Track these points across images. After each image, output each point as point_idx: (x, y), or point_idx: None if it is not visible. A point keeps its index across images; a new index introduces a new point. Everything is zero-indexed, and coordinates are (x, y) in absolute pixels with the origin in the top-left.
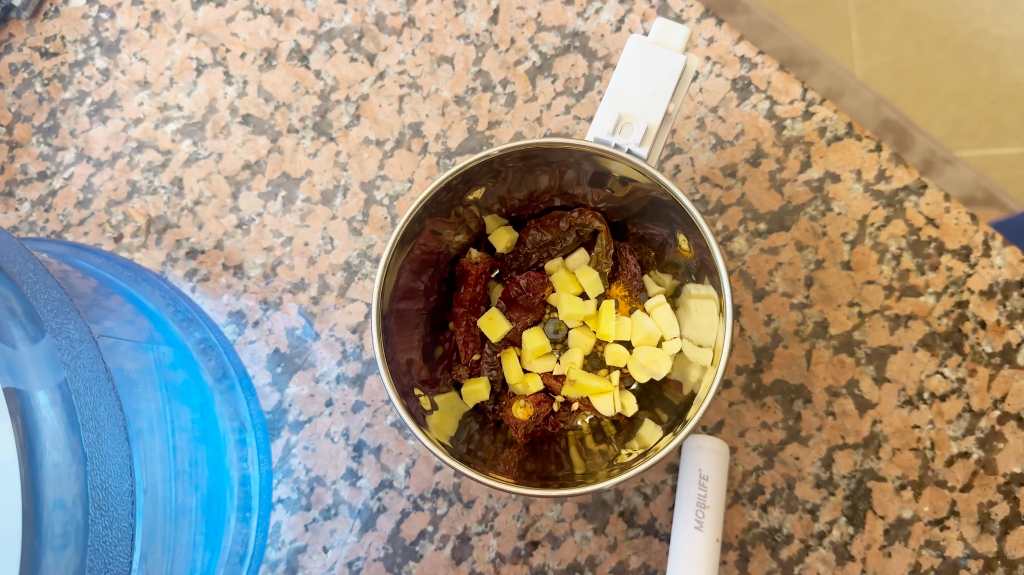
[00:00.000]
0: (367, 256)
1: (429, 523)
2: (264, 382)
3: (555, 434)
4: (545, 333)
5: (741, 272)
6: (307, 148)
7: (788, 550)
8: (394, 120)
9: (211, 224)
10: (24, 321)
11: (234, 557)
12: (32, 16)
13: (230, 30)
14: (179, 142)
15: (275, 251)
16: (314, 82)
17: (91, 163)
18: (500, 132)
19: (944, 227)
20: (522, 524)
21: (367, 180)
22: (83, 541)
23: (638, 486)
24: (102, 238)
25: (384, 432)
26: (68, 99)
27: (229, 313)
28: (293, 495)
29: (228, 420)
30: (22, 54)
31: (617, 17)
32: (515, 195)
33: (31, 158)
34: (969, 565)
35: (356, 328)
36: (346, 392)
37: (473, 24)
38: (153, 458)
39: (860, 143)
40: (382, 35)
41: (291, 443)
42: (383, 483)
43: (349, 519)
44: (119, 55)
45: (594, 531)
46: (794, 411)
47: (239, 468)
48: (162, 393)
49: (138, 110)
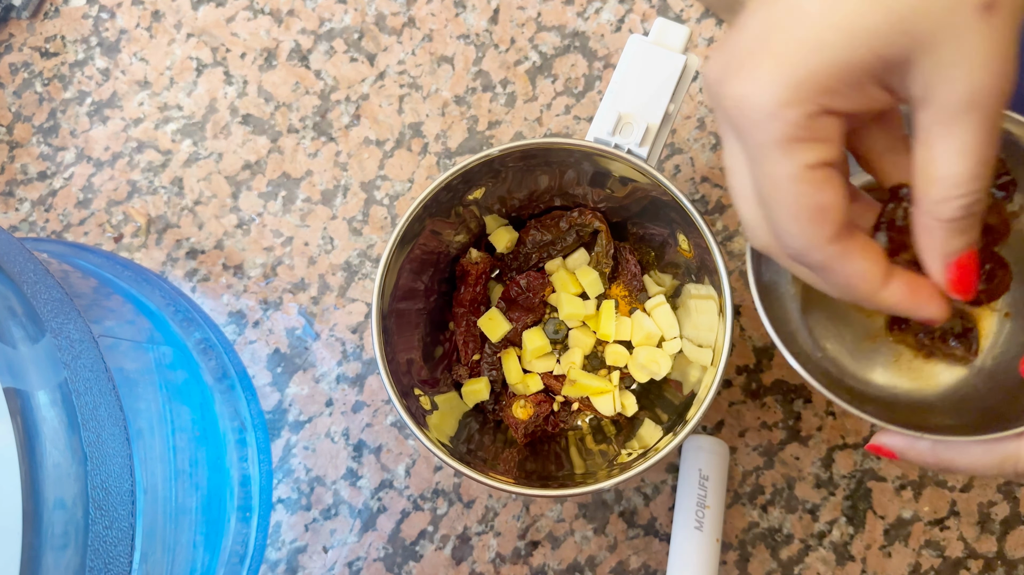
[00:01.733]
0: (367, 256)
1: (429, 523)
2: (264, 382)
3: (555, 434)
4: (545, 333)
5: (741, 272)
6: (307, 148)
7: (788, 550)
8: (394, 120)
9: (211, 224)
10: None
11: (234, 557)
12: (32, 16)
13: (230, 30)
14: (179, 142)
15: (275, 251)
16: (314, 82)
17: (91, 163)
18: (500, 132)
19: None
20: (522, 524)
21: (367, 180)
22: (83, 541)
23: (638, 486)
24: (102, 238)
25: (384, 432)
26: (68, 99)
27: (229, 313)
28: (293, 495)
29: (228, 420)
30: (22, 54)
31: (617, 17)
32: (515, 195)
33: (31, 158)
34: (969, 565)
35: (356, 328)
36: (346, 392)
37: (473, 24)
38: (153, 458)
39: None
40: (382, 35)
41: (291, 443)
42: (383, 483)
43: (349, 519)
44: (119, 55)
45: (594, 531)
46: (794, 411)
47: (239, 468)
48: (162, 393)
49: (138, 110)
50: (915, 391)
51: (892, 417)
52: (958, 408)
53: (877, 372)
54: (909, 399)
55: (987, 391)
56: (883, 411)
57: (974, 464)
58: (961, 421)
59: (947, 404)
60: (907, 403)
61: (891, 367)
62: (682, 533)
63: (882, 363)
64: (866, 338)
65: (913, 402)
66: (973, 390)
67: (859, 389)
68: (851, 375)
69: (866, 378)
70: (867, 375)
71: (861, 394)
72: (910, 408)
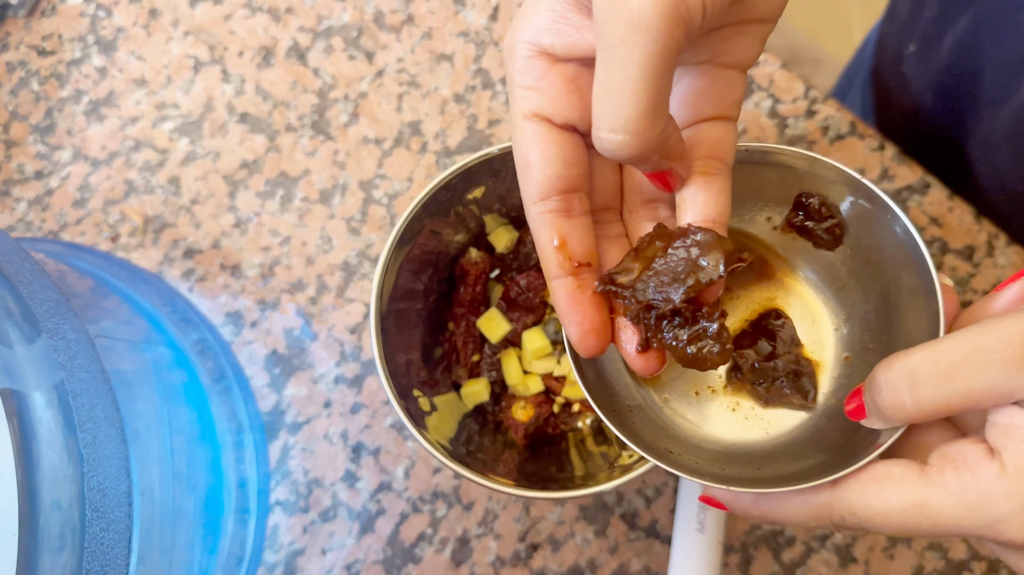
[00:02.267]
0: (366, 256)
1: (428, 525)
2: (262, 383)
3: (555, 435)
4: (545, 334)
5: None
6: (305, 147)
7: (791, 552)
8: (393, 118)
9: (208, 223)
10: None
11: (232, 559)
12: (29, 14)
13: (228, 28)
14: (176, 141)
15: (273, 251)
16: (312, 80)
17: (88, 162)
18: (500, 130)
19: (947, 226)
20: (522, 526)
21: (366, 179)
22: (80, 543)
23: (639, 488)
24: (99, 238)
25: (383, 433)
26: (65, 98)
27: (226, 313)
28: (291, 497)
29: (226, 421)
30: (19, 52)
31: None
32: (515, 194)
33: (28, 157)
34: (972, 567)
35: (355, 328)
36: (344, 393)
37: (473, 21)
38: (150, 460)
39: (863, 142)
40: (381, 33)
41: (289, 445)
42: (382, 485)
43: (348, 521)
44: (116, 53)
45: (595, 533)
46: None
47: (236, 470)
48: (159, 394)
49: (135, 109)
50: (754, 441)
51: (724, 468)
52: (800, 453)
53: (717, 423)
54: (745, 450)
55: (834, 431)
56: (718, 462)
57: (794, 515)
58: (801, 466)
59: (789, 450)
60: (743, 453)
61: (729, 417)
62: (683, 535)
63: (719, 414)
64: (707, 387)
65: (751, 451)
66: (818, 431)
67: (694, 442)
68: (692, 422)
69: (705, 429)
70: (706, 424)
71: (697, 447)
72: (747, 458)
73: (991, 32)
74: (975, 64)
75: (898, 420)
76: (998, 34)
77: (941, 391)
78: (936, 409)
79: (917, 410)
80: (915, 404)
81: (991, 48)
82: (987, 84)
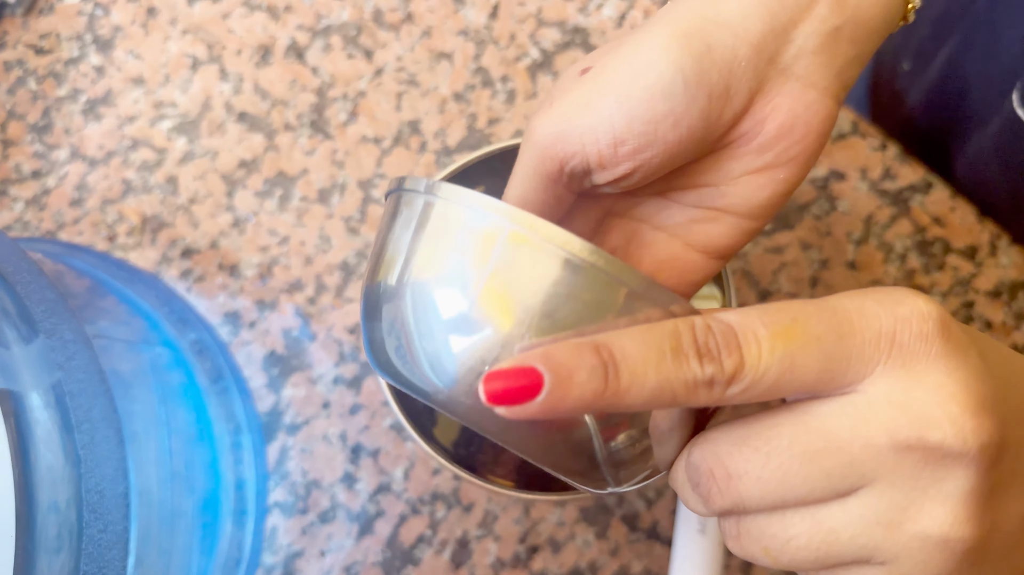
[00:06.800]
0: (365, 256)
1: (428, 527)
2: (260, 383)
3: None
4: None
5: (745, 272)
6: (304, 146)
7: None
8: (392, 117)
9: (206, 223)
10: (18, 321)
11: (230, 561)
12: (26, 13)
13: (226, 26)
14: (174, 140)
15: (271, 250)
16: (311, 79)
17: (85, 161)
18: (500, 129)
19: (950, 226)
20: (522, 528)
21: (365, 178)
22: (77, 545)
23: (640, 489)
24: (96, 238)
25: (382, 435)
26: (62, 97)
27: (224, 314)
28: (290, 499)
29: (223, 422)
30: (16, 51)
31: (619, 12)
32: None
33: (25, 156)
34: None
35: (354, 329)
36: (343, 394)
37: (472, 20)
38: (148, 461)
39: (865, 141)
40: (380, 31)
41: (287, 446)
42: (381, 486)
43: (347, 523)
44: (114, 52)
45: (595, 535)
46: None
47: (234, 471)
48: (157, 395)
49: (133, 107)
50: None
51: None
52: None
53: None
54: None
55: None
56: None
57: (643, 350)
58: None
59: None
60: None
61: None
62: (685, 537)
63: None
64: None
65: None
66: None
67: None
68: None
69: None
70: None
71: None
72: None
73: (981, 49)
74: (965, 82)
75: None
76: (988, 50)
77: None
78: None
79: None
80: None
81: (981, 64)
82: (975, 101)
